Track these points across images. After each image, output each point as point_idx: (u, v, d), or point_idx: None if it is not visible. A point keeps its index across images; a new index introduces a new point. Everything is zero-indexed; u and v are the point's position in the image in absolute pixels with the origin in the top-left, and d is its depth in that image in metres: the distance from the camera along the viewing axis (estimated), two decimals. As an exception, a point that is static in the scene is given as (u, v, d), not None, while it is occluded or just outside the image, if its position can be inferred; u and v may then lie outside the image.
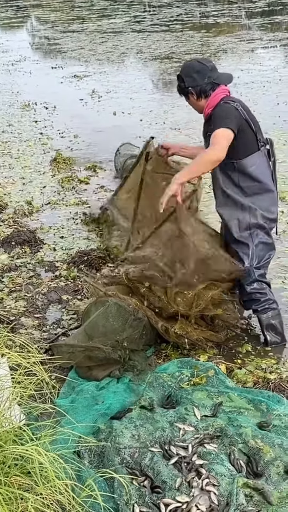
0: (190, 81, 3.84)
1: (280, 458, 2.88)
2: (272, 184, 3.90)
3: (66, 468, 2.45)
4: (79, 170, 7.71)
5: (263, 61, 13.65)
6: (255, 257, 3.91)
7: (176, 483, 2.73)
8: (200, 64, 3.89)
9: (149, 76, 13.65)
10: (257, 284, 3.93)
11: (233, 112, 3.73)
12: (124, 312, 3.69)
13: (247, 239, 3.89)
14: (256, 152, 3.80)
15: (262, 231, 3.90)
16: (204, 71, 3.84)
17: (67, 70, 14.58)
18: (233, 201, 3.87)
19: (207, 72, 3.83)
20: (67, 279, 4.91)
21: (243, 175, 3.81)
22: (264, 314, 3.96)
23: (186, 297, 3.79)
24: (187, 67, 3.92)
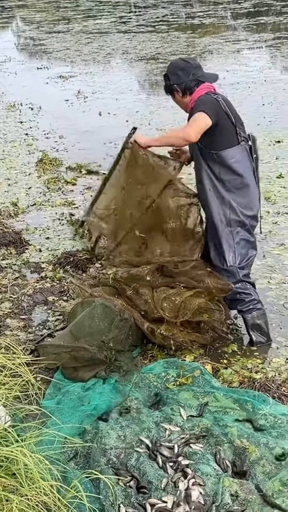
0: (175, 79, 3.91)
1: (265, 457, 2.89)
2: (253, 180, 3.93)
3: (51, 469, 2.44)
4: (65, 171, 7.69)
5: (249, 62, 13.71)
6: (237, 255, 3.93)
7: (162, 483, 2.73)
8: (184, 62, 3.97)
9: (135, 77, 13.66)
10: (241, 284, 3.95)
11: (212, 102, 3.79)
12: (110, 313, 3.69)
13: (228, 235, 3.92)
14: (235, 146, 3.84)
15: (242, 228, 3.93)
16: (188, 68, 3.91)
17: (52, 70, 14.55)
18: (215, 192, 3.90)
19: (191, 69, 3.90)
20: (53, 280, 4.90)
21: (223, 167, 3.84)
22: (249, 314, 3.97)
23: (173, 303, 3.80)
24: (172, 65, 4.00)
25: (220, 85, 11.34)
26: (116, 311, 3.70)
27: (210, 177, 3.89)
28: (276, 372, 3.68)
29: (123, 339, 3.72)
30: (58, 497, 2.34)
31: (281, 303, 4.43)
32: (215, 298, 3.95)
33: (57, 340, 3.80)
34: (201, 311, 3.85)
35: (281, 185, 6.68)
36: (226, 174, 3.85)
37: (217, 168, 3.85)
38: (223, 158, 3.82)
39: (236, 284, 3.93)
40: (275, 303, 4.41)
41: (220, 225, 3.91)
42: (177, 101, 4.03)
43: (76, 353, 3.56)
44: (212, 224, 3.95)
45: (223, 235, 3.92)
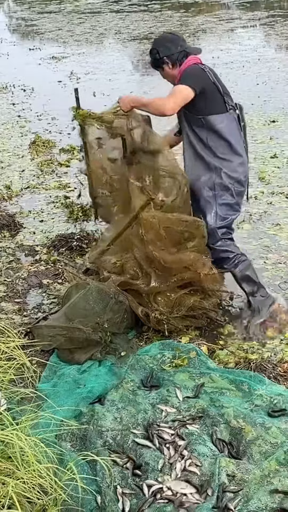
0: (164, 51, 3.88)
1: (261, 437, 2.89)
2: (242, 149, 3.93)
3: (47, 452, 2.44)
4: (59, 153, 7.63)
5: (243, 41, 13.59)
6: (217, 217, 3.94)
7: (159, 464, 2.74)
8: (171, 35, 4.02)
9: (128, 57, 13.53)
10: (221, 242, 3.98)
11: (199, 73, 3.79)
12: (105, 295, 3.67)
13: (211, 198, 3.91)
14: (224, 113, 3.83)
15: (226, 192, 3.93)
16: (176, 40, 3.91)
17: (45, 51, 14.40)
18: (201, 160, 3.89)
19: (179, 41, 3.91)
20: (47, 263, 4.88)
21: (211, 133, 3.82)
22: (236, 268, 4.03)
23: (168, 298, 3.80)
24: (160, 39, 4.04)
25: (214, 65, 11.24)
26: (110, 293, 3.69)
27: (196, 144, 3.87)
28: (271, 353, 3.68)
29: (119, 322, 3.71)
30: (54, 479, 2.34)
31: (277, 284, 4.42)
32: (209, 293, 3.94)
33: (52, 322, 3.78)
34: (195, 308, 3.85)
35: (275, 165, 6.64)
36: (213, 139, 3.84)
37: (204, 134, 3.83)
38: (212, 123, 3.80)
39: (216, 243, 3.96)
40: (271, 283, 4.40)
41: (203, 189, 3.91)
42: (166, 75, 3.98)
43: (71, 334, 3.55)
44: (195, 188, 3.93)
45: (206, 198, 3.92)
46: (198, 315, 3.88)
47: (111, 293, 3.70)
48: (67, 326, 3.59)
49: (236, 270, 4.04)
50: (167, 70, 3.94)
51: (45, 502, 2.33)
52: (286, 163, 6.66)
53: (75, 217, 5.68)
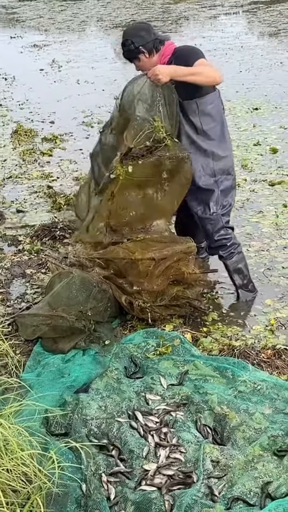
0: (139, 40, 3.81)
1: (245, 423, 2.91)
2: (226, 125, 4.00)
3: (31, 441, 2.44)
4: (41, 142, 7.58)
5: (225, 28, 13.56)
6: (219, 203, 3.97)
7: (144, 451, 2.75)
8: (143, 24, 4.03)
9: (111, 45, 13.44)
10: (224, 231, 4.01)
11: (198, 49, 3.84)
12: (88, 284, 3.66)
13: (213, 185, 3.93)
14: (212, 92, 3.84)
15: (226, 175, 3.98)
16: (148, 28, 3.88)
17: (26, 39, 14.26)
18: (197, 147, 3.88)
19: (151, 29, 3.89)
20: (31, 253, 4.85)
21: (204, 116, 3.83)
22: (231, 259, 4.07)
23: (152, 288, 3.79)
24: (131, 29, 3.98)
25: (196, 52, 11.22)
26: (94, 282, 3.68)
27: (190, 133, 3.87)
28: (255, 339, 3.70)
29: (102, 310, 3.71)
30: (38, 467, 2.34)
31: (261, 271, 4.43)
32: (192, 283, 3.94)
33: (35, 311, 3.76)
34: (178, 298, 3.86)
35: (258, 152, 6.65)
36: (207, 123, 3.85)
37: (198, 120, 3.83)
38: (204, 104, 3.81)
39: (220, 231, 3.99)
40: (255, 270, 4.41)
41: (203, 177, 3.91)
42: (143, 64, 3.88)
43: (55, 323, 3.53)
44: (195, 177, 3.91)
45: (208, 186, 3.93)
46: (181, 304, 3.88)
47: (94, 282, 3.69)
48: (50, 314, 3.57)
49: (230, 261, 4.07)
50: (144, 59, 3.86)
51: (30, 490, 2.33)
52: (269, 150, 6.66)
53: (58, 206, 5.65)
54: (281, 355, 3.50)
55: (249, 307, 4.09)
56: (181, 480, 2.62)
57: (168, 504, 2.46)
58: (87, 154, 6.98)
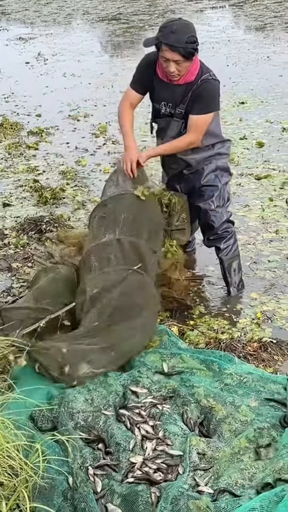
0: (196, 39, 3.59)
1: (231, 415, 2.92)
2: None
3: (17, 434, 2.43)
4: (27, 136, 7.53)
5: (212, 22, 13.54)
6: (221, 198, 4.01)
7: (130, 444, 2.75)
8: (188, 23, 3.68)
9: (97, 38, 13.38)
10: (226, 224, 4.06)
11: (219, 92, 3.81)
12: (73, 278, 3.65)
13: (214, 180, 3.98)
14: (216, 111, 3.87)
15: (226, 172, 4.06)
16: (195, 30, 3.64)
17: (12, 32, 14.15)
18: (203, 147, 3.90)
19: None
20: (17, 246, 4.83)
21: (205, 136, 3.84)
22: (227, 254, 4.10)
23: None
24: (187, 24, 3.62)
25: (183, 46, 11.20)
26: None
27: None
28: (241, 332, 3.72)
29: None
30: (24, 460, 2.33)
31: (247, 264, 4.45)
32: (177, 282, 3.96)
33: (19, 304, 3.73)
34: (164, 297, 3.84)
35: (244, 146, 6.66)
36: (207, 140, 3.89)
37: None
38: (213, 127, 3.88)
39: (224, 224, 4.03)
40: (241, 264, 4.42)
41: (205, 175, 3.96)
42: (185, 67, 3.64)
43: (40, 315, 3.49)
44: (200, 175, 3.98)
45: (209, 182, 3.98)
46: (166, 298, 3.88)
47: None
48: (36, 307, 3.55)
49: (226, 256, 4.09)
50: (191, 63, 3.66)
51: (16, 483, 2.32)
52: (255, 144, 6.68)
53: (44, 200, 5.62)
54: (267, 348, 3.53)
55: (235, 301, 4.11)
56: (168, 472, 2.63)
57: (154, 496, 2.47)
58: (73, 148, 7.01)
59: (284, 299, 4.07)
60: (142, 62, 3.91)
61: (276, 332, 3.74)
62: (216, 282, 4.28)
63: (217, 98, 3.79)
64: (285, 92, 8.38)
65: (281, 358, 3.48)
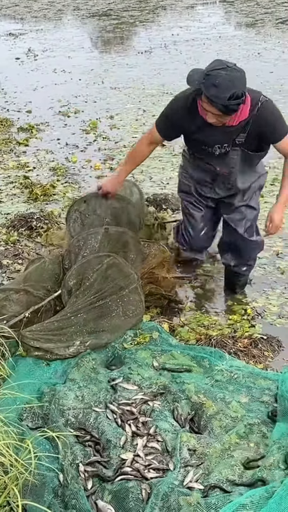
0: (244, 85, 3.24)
1: (222, 411, 2.93)
2: None
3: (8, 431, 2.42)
4: (17, 132, 7.50)
5: (202, 18, 13.53)
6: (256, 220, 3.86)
7: (121, 441, 2.75)
8: (227, 63, 3.30)
9: (88, 34, 13.33)
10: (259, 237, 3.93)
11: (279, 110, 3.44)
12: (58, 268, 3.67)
13: (255, 201, 3.81)
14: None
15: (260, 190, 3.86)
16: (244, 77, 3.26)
17: (1, 28, 14.08)
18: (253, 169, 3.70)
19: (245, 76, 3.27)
20: (7, 243, 4.81)
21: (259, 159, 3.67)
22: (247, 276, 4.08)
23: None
24: (236, 79, 3.19)
25: (174, 42, 11.21)
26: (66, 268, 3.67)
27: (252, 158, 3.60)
28: (232, 329, 3.72)
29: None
30: (14, 457, 2.33)
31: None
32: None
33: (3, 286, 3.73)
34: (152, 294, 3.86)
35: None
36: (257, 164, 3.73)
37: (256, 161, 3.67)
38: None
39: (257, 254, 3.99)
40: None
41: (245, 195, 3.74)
42: (228, 118, 3.29)
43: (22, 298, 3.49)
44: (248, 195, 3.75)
45: (251, 204, 3.78)
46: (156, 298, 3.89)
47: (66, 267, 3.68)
48: (18, 288, 3.55)
49: (245, 278, 4.08)
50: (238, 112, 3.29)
51: (6, 481, 2.32)
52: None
53: (35, 197, 5.60)
54: (258, 344, 3.54)
55: (226, 297, 4.11)
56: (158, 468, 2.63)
57: (145, 493, 2.47)
58: (64, 144, 6.98)
59: (273, 295, 4.08)
60: (176, 104, 3.46)
61: (267, 328, 3.75)
62: (206, 278, 4.27)
63: (282, 118, 3.41)
64: (275, 89, 8.38)
65: (271, 354, 3.49)
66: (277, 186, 5.50)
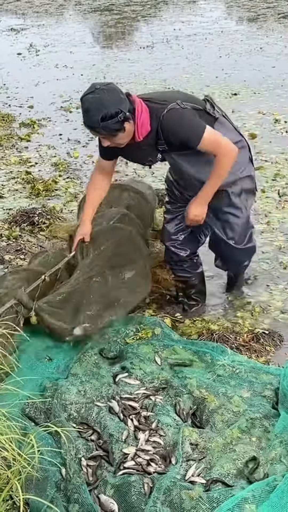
0: (124, 105, 3.03)
1: (224, 406, 2.94)
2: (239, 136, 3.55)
3: (10, 426, 2.43)
4: (19, 127, 7.50)
5: (204, 13, 13.50)
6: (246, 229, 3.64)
7: (123, 435, 2.76)
8: (108, 84, 3.09)
9: (89, 29, 13.31)
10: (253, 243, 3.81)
11: (188, 113, 3.17)
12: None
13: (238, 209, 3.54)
14: (214, 123, 3.34)
15: (251, 194, 3.62)
16: (115, 86, 3.09)
17: (3, 23, 14.07)
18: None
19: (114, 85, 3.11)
20: (9, 238, 4.81)
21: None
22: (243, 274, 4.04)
23: None
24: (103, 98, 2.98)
25: (176, 37, 11.18)
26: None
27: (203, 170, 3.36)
28: (234, 324, 3.73)
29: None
30: (17, 451, 2.34)
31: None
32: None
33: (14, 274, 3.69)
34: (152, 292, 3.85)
35: (237, 138, 6.64)
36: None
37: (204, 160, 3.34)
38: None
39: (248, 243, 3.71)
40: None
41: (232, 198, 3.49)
42: (127, 135, 3.13)
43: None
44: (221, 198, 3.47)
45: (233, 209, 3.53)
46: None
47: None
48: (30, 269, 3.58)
49: (242, 276, 4.03)
50: (129, 127, 3.10)
51: (9, 475, 2.33)
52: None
53: (37, 192, 5.61)
54: (260, 339, 3.54)
55: (228, 292, 4.11)
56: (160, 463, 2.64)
57: (147, 487, 2.48)
58: (66, 139, 6.98)
59: (276, 290, 4.08)
60: None
61: (269, 323, 3.75)
62: (209, 272, 4.27)
63: (192, 122, 3.16)
64: (277, 84, 8.37)
65: (273, 349, 3.49)
66: (279, 181, 5.53)
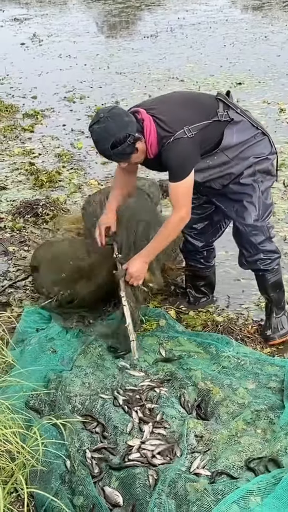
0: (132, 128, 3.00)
1: (229, 398, 2.93)
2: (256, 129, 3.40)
3: (15, 418, 2.43)
4: (22, 118, 7.46)
5: (209, 1, 13.39)
6: (261, 209, 3.35)
7: (128, 427, 2.75)
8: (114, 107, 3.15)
9: (93, 18, 13.24)
10: (269, 243, 3.42)
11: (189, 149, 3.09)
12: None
13: (249, 187, 3.33)
14: (226, 127, 3.23)
15: (267, 175, 3.39)
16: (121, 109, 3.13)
17: (7, 13, 14.00)
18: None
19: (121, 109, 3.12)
20: (13, 230, 4.80)
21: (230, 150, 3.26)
22: (271, 273, 3.47)
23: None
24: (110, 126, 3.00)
25: (181, 26, 11.10)
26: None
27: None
28: (239, 315, 3.71)
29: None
30: (21, 444, 2.33)
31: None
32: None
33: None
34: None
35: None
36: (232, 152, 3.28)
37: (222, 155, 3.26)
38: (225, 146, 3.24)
39: (264, 243, 3.37)
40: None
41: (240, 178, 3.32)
42: (140, 154, 3.12)
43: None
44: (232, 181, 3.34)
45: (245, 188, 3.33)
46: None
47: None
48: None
49: (270, 275, 3.46)
50: (141, 146, 3.08)
51: (13, 468, 2.32)
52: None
53: (40, 183, 5.58)
54: (265, 330, 3.52)
55: (233, 284, 4.09)
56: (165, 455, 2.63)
57: (152, 479, 2.47)
58: (69, 130, 6.95)
59: (281, 281, 4.05)
60: None
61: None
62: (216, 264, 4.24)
63: (183, 161, 3.09)
64: (282, 73, 8.30)
65: (278, 341, 3.47)
66: (284, 171, 5.48)
